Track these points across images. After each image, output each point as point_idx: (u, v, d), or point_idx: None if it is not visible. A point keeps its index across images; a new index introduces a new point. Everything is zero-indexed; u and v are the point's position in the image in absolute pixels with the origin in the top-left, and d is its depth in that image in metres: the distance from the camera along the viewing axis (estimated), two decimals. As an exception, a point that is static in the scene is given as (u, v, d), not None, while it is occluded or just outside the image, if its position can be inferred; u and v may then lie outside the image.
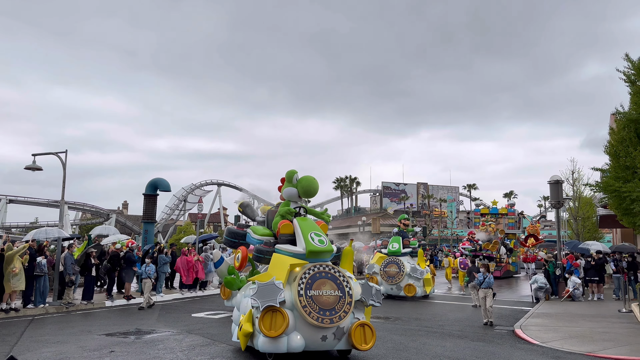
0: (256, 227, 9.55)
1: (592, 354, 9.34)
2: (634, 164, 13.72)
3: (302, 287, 7.95)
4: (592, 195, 36.49)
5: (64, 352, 9.16)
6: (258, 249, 8.88)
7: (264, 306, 7.63)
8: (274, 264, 8.48)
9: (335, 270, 8.37)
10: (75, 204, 60.53)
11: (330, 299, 8.00)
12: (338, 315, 7.94)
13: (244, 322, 8.02)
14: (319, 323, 7.77)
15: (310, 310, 7.80)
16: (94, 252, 16.98)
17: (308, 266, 8.25)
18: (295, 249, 8.60)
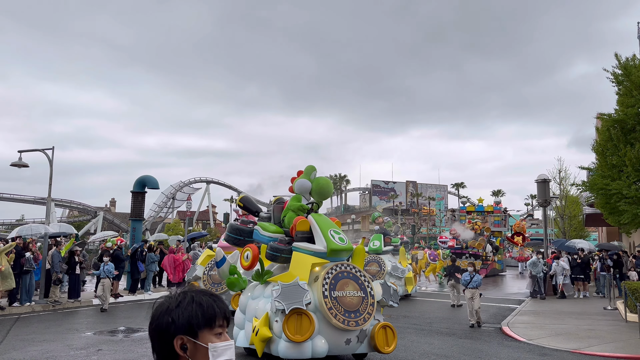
0: (265, 224, 8.82)
1: (578, 351, 9.45)
2: (620, 163, 13.90)
3: (326, 287, 7.47)
4: (579, 194, 36.88)
5: (50, 351, 9.08)
6: (273, 247, 8.17)
7: (290, 309, 7.10)
8: (295, 263, 7.85)
9: (357, 269, 8.01)
10: (62, 201, 59.95)
11: (354, 300, 7.60)
12: (362, 317, 7.55)
13: (260, 326, 7.44)
14: (345, 326, 7.35)
15: (336, 313, 7.35)
16: (78, 250, 16.84)
17: (329, 265, 7.79)
18: (315, 247, 8.02)
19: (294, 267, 7.83)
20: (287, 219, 8.76)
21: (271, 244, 8.24)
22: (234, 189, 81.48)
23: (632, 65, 14.48)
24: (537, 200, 22.76)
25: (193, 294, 1.68)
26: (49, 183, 19.26)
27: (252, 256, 8.18)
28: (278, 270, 8.43)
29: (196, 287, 1.91)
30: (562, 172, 37.45)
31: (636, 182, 13.87)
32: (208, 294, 1.70)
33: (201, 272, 14.13)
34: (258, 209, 9.50)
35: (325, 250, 7.94)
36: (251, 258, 8.19)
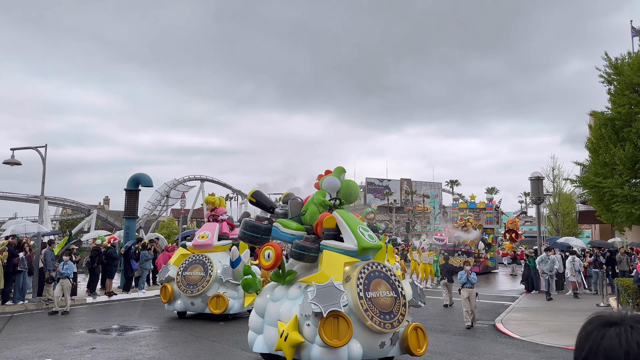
0: (285, 221, 8.23)
1: (572, 347, 9.50)
2: (613, 161, 13.97)
3: (360, 288, 7.09)
4: (572, 192, 37.07)
5: (44, 350, 9.03)
6: (300, 246, 7.60)
7: (328, 311, 6.63)
8: (327, 263, 7.34)
9: (386, 268, 7.68)
10: (56, 199, 59.60)
11: (388, 300, 7.27)
12: (396, 318, 7.23)
13: (289, 331, 6.94)
14: (381, 328, 6.99)
15: (372, 315, 6.97)
16: (74, 249, 16.76)
17: (361, 265, 7.42)
18: (345, 245, 7.57)
19: (326, 267, 7.28)
20: (309, 213, 8.22)
21: (297, 242, 7.69)
22: (229, 187, 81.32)
23: (623, 64, 14.55)
24: (531, 198, 22.82)
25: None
26: (42, 181, 19.16)
27: (274, 255, 7.63)
28: (301, 270, 7.91)
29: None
30: (556, 170, 37.67)
31: (628, 181, 13.96)
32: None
33: (174, 272, 12.83)
34: (273, 205, 8.94)
35: (356, 248, 7.51)
36: (274, 257, 7.63)
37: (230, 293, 12.40)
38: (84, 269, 20.35)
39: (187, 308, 12.63)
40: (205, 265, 12.65)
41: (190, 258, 12.94)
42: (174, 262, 13.26)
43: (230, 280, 12.28)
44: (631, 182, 13.95)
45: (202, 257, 12.83)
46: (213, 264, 12.62)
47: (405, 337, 7.36)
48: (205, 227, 13.86)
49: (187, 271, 12.70)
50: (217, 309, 12.04)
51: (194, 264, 12.76)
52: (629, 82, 13.94)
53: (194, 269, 12.63)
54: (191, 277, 12.55)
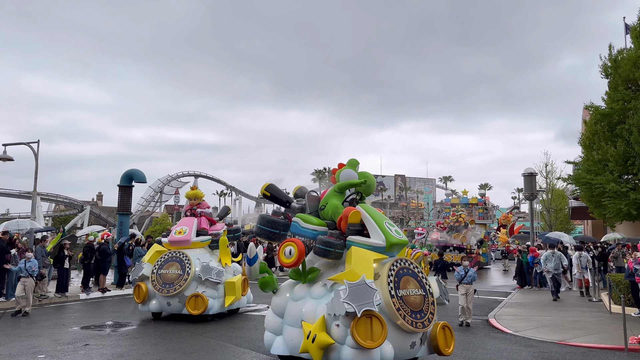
0: (305, 215, 7.86)
1: (564, 342, 9.59)
2: (606, 158, 14.06)
3: (391, 286, 6.83)
4: (565, 188, 37.30)
5: (37, 346, 9.00)
6: (326, 242, 7.23)
7: (362, 311, 6.38)
8: (357, 260, 6.99)
9: (414, 265, 7.46)
10: (49, 195, 59.22)
11: (417, 299, 7.03)
12: (427, 317, 7.01)
13: (317, 332, 6.63)
14: (414, 328, 6.75)
15: (404, 314, 6.73)
16: (67, 244, 16.70)
17: (389, 262, 7.14)
18: (373, 241, 7.25)
19: (356, 264, 6.92)
20: (330, 207, 7.84)
21: (322, 238, 7.30)
22: (223, 183, 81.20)
23: (621, 59, 14.63)
24: (524, 194, 22.96)
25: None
26: (35, 177, 19.05)
27: (297, 252, 7.24)
28: (323, 267, 7.58)
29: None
30: (549, 166, 37.89)
31: (620, 177, 14.05)
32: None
33: (149, 270, 11.96)
34: (289, 199, 8.44)
35: (384, 244, 7.21)
36: (296, 254, 7.25)
37: (209, 292, 11.65)
38: (77, 265, 20.27)
39: (163, 309, 11.85)
40: (182, 262, 11.82)
41: (166, 255, 12.09)
42: (149, 259, 12.33)
43: (210, 278, 11.63)
44: (622, 178, 14.04)
45: (179, 254, 12.00)
46: (191, 261, 11.80)
47: (434, 336, 7.17)
48: (182, 222, 12.98)
49: (163, 269, 11.83)
50: (195, 309, 11.32)
51: (170, 261, 11.92)
52: (624, 77, 14.02)
53: (170, 266, 11.81)
54: (167, 275, 11.70)
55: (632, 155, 13.42)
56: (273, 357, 8.21)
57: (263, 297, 16.46)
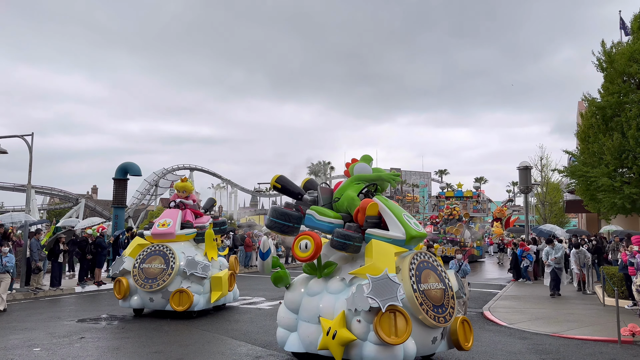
0: (320, 208, 7.56)
1: (558, 334, 9.66)
2: (601, 150, 14.10)
3: (413, 280, 6.67)
4: (560, 181, 37.43)
5: (32, 339, 8.99)
6: (344, 235, 6.99)
7: (386, 306, 6.18)
8: (378, 253, 6.78)
9: (433, 258, 7.31)
10: (43, 188, 59.01)
11: (438, 293, 6.87)
12: (447, 312, 6.85)
13: (337, 328, 6.43)
14: (436, 322, 6.60)
15: (427, 309, 6.58)
16: (63, 238, 16.66)
17: (410, 255, 6.98)
18: (392, 234, 7.06)
19: (377, 258, 6.71)
20: (345, 200, 7.59)
21: (339, 231, 7.06)
22: (219, 176, 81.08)
23: (616, 53, 14.65)
24: (519, 187, 23.05)
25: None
26: (29, 170, 18.97)
27: (314, 246, 7.02)
28: (339, 261, 7.36)
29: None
30: (544, 159, 38.02)
31: (615, 170, 14.11)
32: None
33: (130, 265, 11.37)
34: (300, 191, 8.10)
35: (404, 237, 7.03)
36: (313, 248, 7.02)
37: (194, 288, 11.10)
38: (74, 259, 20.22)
39: (145, 305, 11.28)
40: (166, 256, 11.23)
41: (149, 248, 11.50)
42: (130, 253, 11.68)
43: (195, 273, 11.09)
44: (617, 172, 14.10)
45: (162, 248, 11.41)
46: (175, 255, 11.24)
47: (454, 330, 7.02)
48: (166, 214, 12.32)
49: (145, 263, 11.25)
50: (180, 305, 10.79)
51: (153, 255, 11.34)
52: (620, 71, 14.05)
53: (153, 260, 11.22)
54: (150, 270, 11.12)
55: (627, 149, 13.47)
56: (270, 350, 8.24)
57: (259, 290, 16.49)
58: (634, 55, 13.92)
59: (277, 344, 8.54)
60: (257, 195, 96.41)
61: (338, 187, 7.94)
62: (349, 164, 8.15)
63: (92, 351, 8.21)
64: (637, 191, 13.13)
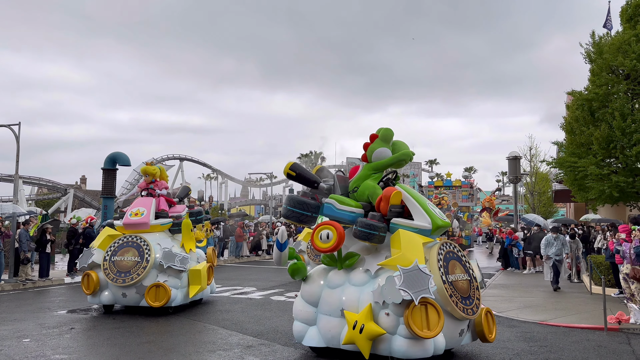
0: (340, 197, 7.23)
1: (545, 322, 9.79)
2: (589, 141, 14.22)
3: (442, 271, 6.45)
4: (548, 171, 37.74)
5: (22, 330, 8.95)
6: (368, 224, 6.69)
7: (419, 298, 5.99)
8: (406, 243, 6.55)
9: (457, 248, 7.13)
10: (31, 178, 58.39)
11: (465, 284, 6.69)
12: (474, 303, 6.65)
13: (365, 321, 6.21)
14: (465, 314, 6.43)
15: (456, 300, 6.38)
16: (49, 228, 16.54)
17: (436, 245, 6.76)
18: (419, 223, 6.81)
19: (406, 248, 6.49)
20: (365, 188, 7.24)
21: (364, 221, 6.77)
22: (209, 167, 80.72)
23: (605, 44, 14.71)
24: (508, 177, 23.23)
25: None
26: (16, 160, 18.74)
27: (336, 236, 6.68)
28: (362, 252, 7.08)
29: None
30: (533, 150, 38.28)
31: (603, 160, 14.24)
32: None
33: (100, 257, 10.52)
34: (316, 179, 7.68)
35: (430, 226, 6.79)
36: (335, 238, 6.68)
37: (172, 282, 10.35)
38: (62, 250, 20.13)
39: (117, 300, 10.50)
40: (140, 248, 10.43)
41: (121, 240, 10.67)
42: (99, 244, 10.80)
43: (173, 266, 10.33)
44: (605, 162, 14.23)
45: (135, 239, 10.59)
46: (150, 246, 10.43)
47: (479, 322, 6.85)
48: (138, 202, 11.39)
49: (117, 256, 10.42)
50: (156, 301, 10.06)
51: (126, 247, 10.53)
52: (608, 62, 14.11)
53: (126, 253, 10.42)
54: (122, 263, 10.31)
55: (615, 139, 13.59)
56: (262, 339, 8.28)
57: (250, 281, 16.52)
58: (622, 46, 13.99)
59: (268, 333, 8.62)
60: (247, 185, 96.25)
61: (354, 176, 7.61)
62: (368, 144, 7.63)
63: (83, 342, 8.19)
64: (624, 180, 13.28)
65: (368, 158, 7.54)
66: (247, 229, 27.68)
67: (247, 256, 26.42)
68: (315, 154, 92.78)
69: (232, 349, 7.62)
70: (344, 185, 7.58)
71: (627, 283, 9.98)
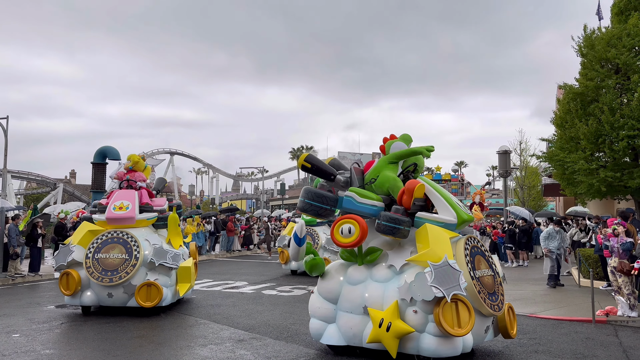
0: (360, 190, 6.95)
1: (534, 315, 9.89)
2: (577, 135, 14.32)
3: (470, 266, 6.27)
4: (538, 165, 37.98)
5: (11, 325, 8.90)
6: (393, 218, 6.43)
7: (451, 294, 5.81)
8: (434, 238, 6.30)
9: (481, 242, 6.95)
10: (20, 172, 57.89)
11: (490, 280, 6.53)
12: (499, 299, 6.51)
13: (392, 319, 5.99)
14: (492, 311, 6.28)
15: (484, 297, 6.21)
16: (40, 223, 16.40)
17: (462, 240, 6.58)
18: (444, 217, 6.58)
19: (435, 243, 6.24)
20: (385, 181, 6.98)
21: (388, 214, 6.50)
22: (200, 161, 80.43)
23: (596, 38, 14.79)
24: (498, 171, 23.37)
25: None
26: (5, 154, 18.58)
27: (359, 230, 6.43)
28: (384, 247, 6.84)
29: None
30: (523, 144, 38.50)
31: (592, 155, 14.36)
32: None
33: (81, 255, 9.68)
34: (333, 172, 7.35)
35: (456, 220, 6.57)
36: (358, 232, 6.42)
37: (162, 280, 9.71)
38: (50, 244, 19.98)
39: (101, 301, 9.69)
40: (127, 244, 9.70)
41: (104, 236, 9.85)
42: (79, 241, 9.84)
43: (165, 263, 9.74)
44: (593, 156, 14.35)
45: (122, 235, 9.83)
46: (139, 243, 9.74)
47: (502, 318, 6.70)
48: (120, 195, 10.44)
49: (101, 253, 9.61)
50: (148, 300, 9.44)
51: (111, 243, 9.74)
52: (599, 56, 14.20)
53: (111, 250, 9.64)
54: (108, 260, 9.53)
55: (603, 134, 13.70)
56: (253, 333, 8.29)
57: (241, 275, 16.51)
58: (612, 40, 14.09)
59: (259, 327, 8.63)
60: (239, 179, 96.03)
61: (370, 168, 7.36)
62: (387, 139, 7.55)
63: (73, 337, 8.16)
64: (612, 174, 13.40)
65: (386, 151, 7.41)
66: (238, 223, 27.65)
67: (239, 250, 26.42)
68: (306, 149, 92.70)
69: (223, 343, 7.63)
70: (360, 178, 7.32)
71: (615, 276, 10.10)
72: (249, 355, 6.98)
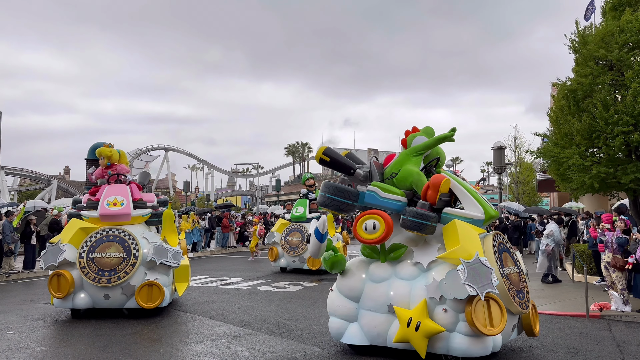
0: (383, 185, 6.76)
1: (528, 310, 9.92)
2: (572, 131, 14.36)
3: (499, 264, 6.10)
4: (533, 161, 38.10)
5: (5, 322, 8.86)
6: (421, 214, 6.22)
7: (484, 293, 5.64)
8: (464, 235, 6.11)
9: (506, 239, 6.77)
10: (13, 169, 57.61)
11: (516, 277, 6.38)
12: (526, 297, 6.38)
13: (421, 318, 5.81)
14: (521, 309, 6.14)
15: (513, 295, 6.05)
16: (34, 219, 16.33)
17: (489, 236, 6.39)
18: (472, 213, 6.39)
19: (465, 240, 6.04)
20: (408, 175, 6.77)
21: (414, 210, 6.29)
22: (194, 157, 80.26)
23: (589, 34, 14.81)
24: (493, 167, 23.43)
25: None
26: (-2, 150, 18.44)
27: (384, 226, 6.23)
28: (408, 243, 6.61)
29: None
30: (518, 140, 38.60)
31: (586, 150, 14.40)
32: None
33: (73, 255, 9.02)
34: (352, 166, 7.09)
35: (483, 217, 6.38)
36: (383, 228, 6.23)
37: (161, 280, 9.14)
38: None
39: (97, 303, 9.09)
40: (125, 242, 9.12)
41: (99, 234, 9.23)
42: (70, 239, 9.15)
43: (166, 262, 9.17)
44: (587, 152, 14.39)
45: (118, 233, 9.24)
46: (137, 241, 9.18)
47: (526, 316, 6.51)
48: (112, 190, 9.79)
49: (96, 252, 8.99)
50: (149, 301, 8.93)
51: (107, 241, 9.13)
52: (592, 53, 14.22)
53: (107, 248, 9.04)
54: (105, 260, 8.93)
55: (597, 130, 13.74)
56: (248, 329, 8.29)
57: (236, 271, 16.49)
58: (605, 37, 14.11)
59: (255, 323, 8.64)
60: (234, 176, 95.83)
61: (390, 162, 7.17)
62: (409, 132, 7.34)
63: (67, 334, 8.13)
64: (605, 170, 13.45)
65: (407, 145, 7.19)
66: (233, 219, 27.61)
67: (234, 247, 26.40)
68: (302, 145, 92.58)
69: (219, 339, 7.63)
70: (380, 172, 7.12)
71: (609, 271, 10.16)
72: (245, 351, 6.99)
